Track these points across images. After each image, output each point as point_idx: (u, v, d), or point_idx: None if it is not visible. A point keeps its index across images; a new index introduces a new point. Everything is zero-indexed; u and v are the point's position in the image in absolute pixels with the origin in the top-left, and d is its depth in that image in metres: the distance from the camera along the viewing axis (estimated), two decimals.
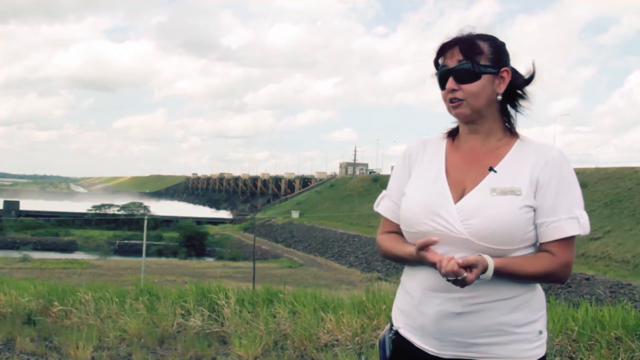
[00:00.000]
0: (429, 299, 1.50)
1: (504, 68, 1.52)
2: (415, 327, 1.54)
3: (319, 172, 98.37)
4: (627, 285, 25.11)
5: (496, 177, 1.48)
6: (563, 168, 1.49)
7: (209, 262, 42.00)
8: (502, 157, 1.52)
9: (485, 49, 1.51)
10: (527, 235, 1.46)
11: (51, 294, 5.46)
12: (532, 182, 1.47)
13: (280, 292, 5.02)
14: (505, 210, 1.43)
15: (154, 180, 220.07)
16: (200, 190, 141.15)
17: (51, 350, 4.19)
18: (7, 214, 63.54)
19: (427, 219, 1.49)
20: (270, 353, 4.00)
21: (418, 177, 1.59)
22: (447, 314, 1.47)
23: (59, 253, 45.44)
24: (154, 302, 5.08)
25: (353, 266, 39.62)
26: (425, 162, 1.60)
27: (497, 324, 1.45)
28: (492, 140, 1.55)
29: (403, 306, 1.59)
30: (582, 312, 3.84)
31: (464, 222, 1.44)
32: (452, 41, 1.52)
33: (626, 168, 39.61)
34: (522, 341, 1.47)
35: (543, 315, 1.53)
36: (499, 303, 1.45)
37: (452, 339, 1.48)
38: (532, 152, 1.51)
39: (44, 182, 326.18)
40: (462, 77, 1.48)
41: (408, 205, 1.56)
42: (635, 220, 31.56)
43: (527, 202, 1.45)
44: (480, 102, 1.50)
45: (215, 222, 70.26)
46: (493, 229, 1.42)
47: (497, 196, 1.45)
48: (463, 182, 1.51)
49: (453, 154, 1.58)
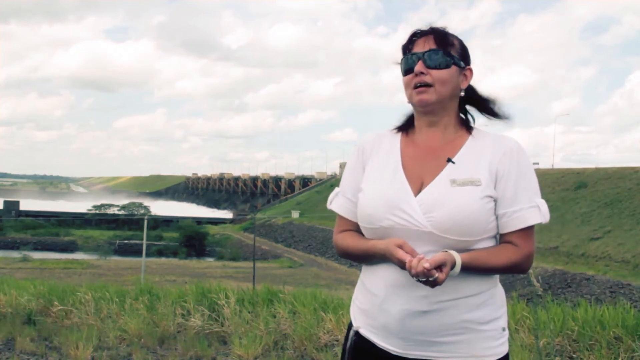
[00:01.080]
0: (393, 297, 1.46)
1: (468, 66, 1.54)
2: (378, 327, 1.50)
3: (319, 172, 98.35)
4: (627, 285, 25.09)
5: (455, 169, 1.46)
6: (521, 158, 1.48)
7: (209, 262, 41.98)
8: (459, 148, 1.50)
9: (456, 44, 1.52)
10: (489, 226, 1.45)
11: (51, 294, 5.46)
12: (492, 173, 1.46)
13: (280, 292, 5.02)
14: (466, 201, 1.42)
15: (154, 180, 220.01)
16: (200, 190, 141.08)
17: (51, 350, 4.19)
18: (7, 214, 63.52)
19: (389, 214, 1.46)
20: (270, 353, 4.00)
21: (374, 171, 1.56)
22: (412, 313, 1.44)
23: (59, 253, 45.43)
24: (154, 302, 5.08)
25: (353, 266, 39.60)
26: (381, 157, 1.57)
27: (462, 321, 1.44)
28: (449, 133, 1.54)
29: (364, 305, 1.55)
30: (582, 312, 3.84)
31: (426, 215, 1.42)
32: (427, 30, 1.52)
33: (626, 168, 39.59)
34: (487, 338, 1.46)
35: (505, 312, 1.52)
36: (464, 300, 1.44)
37: (417, 338, 1.45)
38: (489, 142, 1.50)
39: (44, 182, 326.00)
40: (433, 63, 1.48)
41: (367, 201, 1.51)
42: (635, 221, 31.54)
43: (488, 192, 1.44)
44: (446, 90, 1.49)
45: (215, 222, 70.23)
46: (456, 221, 1.40)
47: (457, 187, 1.43)
48: (421, 175, 1.49)
49: (408, 147, 1.56)
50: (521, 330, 3.81)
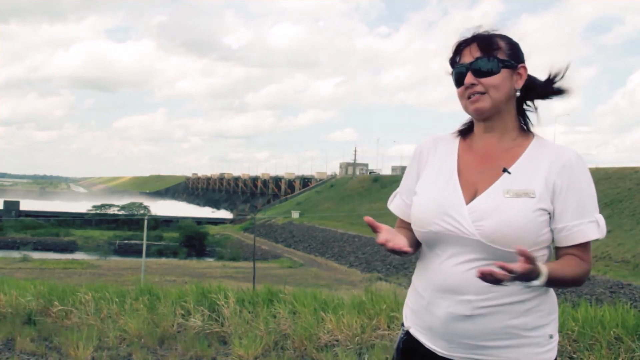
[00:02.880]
0: (438, 300, 1.48)
1: (521, 64, 1.51)
2: (425, 328, 1.53)
3: (319, 172, 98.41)
4: (627, 285, 25.12)
5: (510, 179, 1.45)
6: (581, 171, 1.46)
7: (209, 262, 42.00)
8: (517, 158, 1.49)
9: (503, 46, 1.49)
10: (540, 239, 1.43)
11: (51, 294, 5.46)
12: (548, 186, 1.44)
13: (280, 292, 5.02)
14: (518, 213, 1.40)
15: (154, 180, 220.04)
16: (201, 190, 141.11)
17: (51, 351, 4.19)
18: (7, 214, 63.55)
19: (438, 219, 1.47)
20: (270, 353, 4.00)
21: (429, 176, 1.57)
22: (456, 316, 1.45)
23: (59, 253, 45.47)
24: (154, 302, 5.08)
25: (353, 266, 39.61)
26: (437, 161, 1.57)
27: (506, 327, 1.44)
28: (507, 140, 1.52)
29: (413, 306, 1.58)
30: (582, 312, 3.84)
31: (476, 224, 1.42)
32: (469, 39, 1.51)
33: (626, 168, 39.61)
34: (532, 345, 1.46)
35: (554, 319, 1.51)
36: (508, 307, 1.43)
37: (461, 341, 1.46)
38: (548, 154, 1.48)
39: (44, 182, 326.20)
40: (482, 72, 1.47)
41: (420, 205, 1.54)
42: (636, 221, 31.55)
43: (541, 205, 1.42)
44: (501, 95, 1.47)
45: (215, 222, 70.26)
46: (505, 232, 1.40)
47: (511, 198, 1.42)
48: (475, 183, 1.48)
49: (466, 153, 1.56)
50: None
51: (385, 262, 38.09)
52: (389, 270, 35.99)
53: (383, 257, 39.21)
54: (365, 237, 44.21)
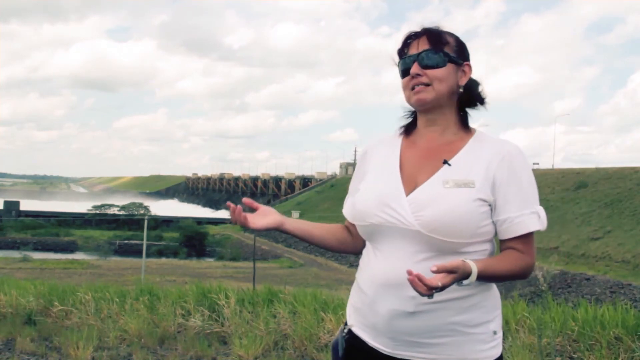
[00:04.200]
0: (381, 296, 1.47)
1: (466, 62, 1.54)
2: (368, 326, 1.52)
3: (319, 172, 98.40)
4: (627, 285, 25.08)
5: (450, 170, 1.47)
6: (520, 164, 1.48)
7: (209, 262, 41.96)
8: (458, 150, 1.51)
9: (451, 42, 1.53)
10: (480, 230, 1.44)
11: (51, 294, 5.46)
12: (488, 177, 1.45)
13: (280, 292, 5.02)
14: (457, 203, 1.41)
15: (154, 180, 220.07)
16: (201, 190, 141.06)
17: (51, 351, 4.19)
18: (7, 214, 63.50)
19: (379, 211, 1.48)
20: (270, 353, 4.00)
21: (372, 173, 1.59)
22: (399, 313, 1.44)
23: (59, 253, 45.40)
24: (154, 302, 5.08)
25: (353, 266, 39.57)
26: (380, 159, 1.60)
27: (450, 323, 1.43)
28: (449, 134, 1.54)
29: (357, 304, 1.58)
30: (582, 312, 3.84)
31: (415, 214, 1.43)
32: (419, 32, 1.53)
33: (626, 168, 39.58)
34: (476, 341, 1.45)
35: (498, 315, 1.51)
36: (451, 302, 1.43)
37: (405, 339, 1.45)
38: (488, 147, 1.50)
39: (44, 182, 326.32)
40: (427, 63, 1.49)
41: (361, 199, 1.55)
42: (636, 221, 31.53)
43: (481, 196, 1.43)
44: (444, 88, 1.49)
45: (215, 222, 70.23)
46: (444, 221, 1.40)
47: (450, 188, 1.43)
48: (416, 176, 1.50)
49: (408, 149, 1.58)
50: (521, 331, 3.81)
51: None
52: None
53: None
54: None
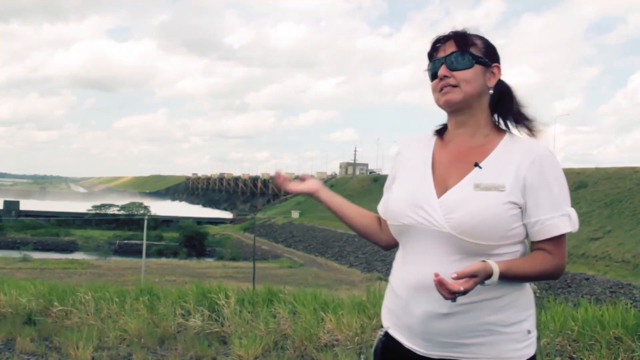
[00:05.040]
0: (415, 298, 1.49)
1: (495, 64, 1.54)
2: (403, 327, 1.54)
3: (319, 172, 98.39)
4: (627, 285, 25.09)
5: (480, 173, 1.48)
6: (551, 166, 1.48)
7: (209, 262, 41.97)
8: (488, 153, 1.52)
9: (478, 43, 1.54)
10: (510, 232, 1.45)
11: (51, 294, 5.46)
12: (518, 180, 1.46)
13: (280, 292, 5.02)
14: (487, 205, 1.43)
15: (154, 180, 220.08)
16: (200, 190, 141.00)
17: (51, 350, 4.19)
18: (7, 214, 63.54)
19: (410, 212, 1.50)
20: (270, 353, 4.00)
21: (405, 173, 1.62)
22: (433, 315, 1.46)
23: (59, 253, 45.44)
24: (154, 302, 5.08)
25: (353, 266, 39.59)
26: (413, 159, 1.62)
27: (483, 323, 1.45)
28: (479, 136, 1.55)
29: (391, 306, 1.60)
30: (582, 312, 3.84)
31: (446, 216, 1.45)
32: (447, 35, 1.55)
33: (626, 168, 39.59)
34: (510, 341, 1.47)
35: (531, 314, 1.52)
36: (485, 303, 1.45)
37: (439, 340, 1.47)
38: (519, 149, 1.50)
39: (44, 182, 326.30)
40: (455, 65, 1.50)
41: (394, 199, 1.59)
42: (636, 220, 31.53)
43: (511, 199, 1.44)
44: (472, 89, 1.50)
45: (215, 222, 70.24)
46: (474, 223, 1.42)
47: (480, 191, 1.45)
48: (447, 178, 1.52)
49: (440, 150, 1.60)
50: None
51: (386, 262, 38.07)
52: (389, 270, 35.61)
53: (383, 257, 39.21)
54: None
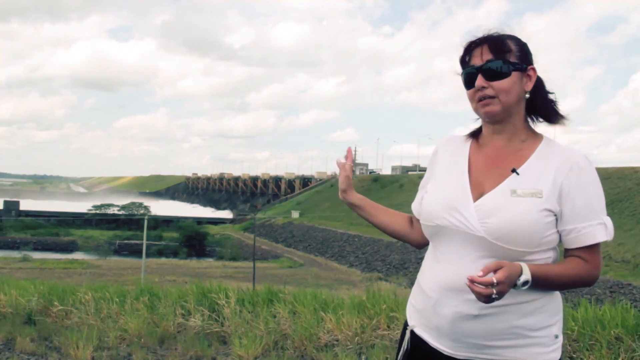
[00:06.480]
0: (445, 299, 1.49)
1: (530, 66, 1.52)
2: (431, 327, 1.54)
3: (319, 172, 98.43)
4: (627, 285, 25.11)
5: (517, 179, 1.47)
6: (589, 174, 1.47)
7: (209, 262, 41.99)
8: (526, 159, 1.50)
9: (513, 48, 1.50)
10: (545, 239, 1.45)
11: (51, 294, 5.46)
12: (555, 187, 1.45)
13: (280, 292, 5.02)
14: (523, 212, 1.42)
15: (154, 180, 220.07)
16: (201, 190, 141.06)
17: (51, 350, 4.19)
18: (7, 214, 63.56)
19: (446, 214, 1.50)
20: (270, 353, 4.00)
21: (441, 173, 1.61)
22: (463, 316, 1.46)
23: (59, 253, 45.47)
24: (154, 302, 5.08)
25: (353, 266, 39.58)
26: (449, 160, 1.61)
27: (512, 327, 1.45)
28: (516, 142, 1.53)
29: (419, 305, 1.59)
30: (582, 312, 3.84)
31: (482, 221, 1.44)
32: (480, 39, 1.51)
33: (626, 168, 39.60)
34: (538, 345, 1.47)
35: (560, 319, 1.53)
36: (515, 306, 1.44)
37: (468, 341, 1.47)
38: (556, 156, 1.49)
39: (44, 182, 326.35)
40: (492, 75, 1.47)
41: (429, 200, 1.58)
42: (636, 220, 31.55)
43: (547, 206, 1.43)
44: (511, 98, 1.48)
45: (215, 222, 70.25)
46: (510, 229, 1.41)
47: (517, 198, 1.44)
48: (483, 182, 1.51)
49: (476, 153, 1.59)
50: None
51: (385, 262, 38.08)
52: (389, 270, 35.97)
53: (383, 256, 39.22)
54: (365, 237, 44.20)
